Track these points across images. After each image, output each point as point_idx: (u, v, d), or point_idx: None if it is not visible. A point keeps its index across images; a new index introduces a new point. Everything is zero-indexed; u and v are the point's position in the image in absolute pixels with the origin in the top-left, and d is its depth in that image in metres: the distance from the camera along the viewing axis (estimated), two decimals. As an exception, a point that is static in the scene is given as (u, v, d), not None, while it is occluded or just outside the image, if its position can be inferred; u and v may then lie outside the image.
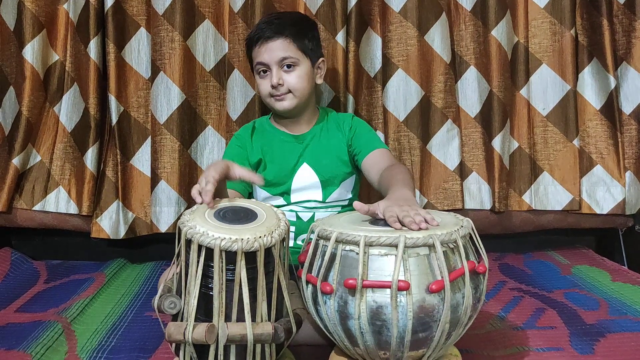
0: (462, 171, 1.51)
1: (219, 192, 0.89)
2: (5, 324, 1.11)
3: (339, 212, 1.20)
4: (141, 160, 1.52)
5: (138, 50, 1.51)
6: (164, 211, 1.48)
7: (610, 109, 1.48)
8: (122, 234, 1.49)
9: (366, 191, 1.39)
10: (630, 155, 1.49)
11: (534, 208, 1.50)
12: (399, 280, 0.73)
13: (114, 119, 1.48)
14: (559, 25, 1.50)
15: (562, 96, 1.50)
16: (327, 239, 0.80)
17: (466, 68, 1.51)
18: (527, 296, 1.24)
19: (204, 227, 0.76)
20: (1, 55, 1.51)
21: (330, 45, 1.47)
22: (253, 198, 1.25)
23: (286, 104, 1.18)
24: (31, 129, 1.53)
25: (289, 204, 1.21)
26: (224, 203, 0.86)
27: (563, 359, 0.92)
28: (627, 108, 1.49)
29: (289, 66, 1.17)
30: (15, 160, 1.50)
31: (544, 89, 1.51)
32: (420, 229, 0.77)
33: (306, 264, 0.83)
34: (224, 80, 1.52)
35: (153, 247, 1.60)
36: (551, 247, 1.61)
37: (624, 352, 0.94)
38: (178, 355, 0.80)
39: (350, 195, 1.25)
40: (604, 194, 1.49)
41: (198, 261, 0.76)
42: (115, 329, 1.09)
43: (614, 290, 1.25)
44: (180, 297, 0.80)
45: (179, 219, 0.82)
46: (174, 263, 0.83)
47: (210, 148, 1.53)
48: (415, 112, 1.49)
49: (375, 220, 0.86)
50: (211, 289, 0.76)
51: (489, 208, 1.50)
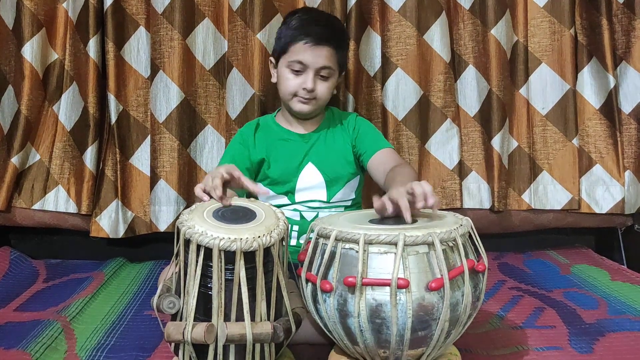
0: (461, 170, 1.51)
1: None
2: (4, 323, 1.11)
3: (341, 212, 1.19)
4: (140, 159, 1.52)
5: (137, 49, 1.50)
6: (163, 210, 1.48)
7: (610, 108, 1.48)
8: (122, 233, 1.49)
9: (368, 192, 1.38)
10: (630, 154, 1.49)
11: (533, 207, 1.51)
12: (398, 278, 0.73)
13: (113, 118, 1.48)
14: (558, 24, 1.50)
15: (562, 95, 1.50)
16: (327, 237, 0.80)
17: (465, 67, 1.51)
18: (527, 295, 1.24)
19: (202, 227, 0.76)
20: (0, 54, 1.51)
21: (330, 44, 1.47)
22: (253, 197, 1.24)
23: (307, 108, 1.18)
24: (30, 127, 1.52)
25: (293, 203, 1.21)
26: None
27: (562, 358, 0.92)
28: (627, 107, 1.50)
29: (324, 76, 1.17)
30: (14, 159, 1.50)
31: (543, 88, 1.51)
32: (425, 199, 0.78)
33: (306, 263, 0.83)
34: (224, 79, 1.51)
35: (152, 246, 1.60)
36: (550, 247, 1.61)
37: (623, 352, 0.94)
38: (177, 355, 0.80)
39: (353, 196, 1.25)
40: (603, 193, 1.49)
41: (197, 261, 0.76)
42: (115, 328, 1.09)
43: (613, 289, 1.25)
44: (179, 297, 0.80)
45: (178, 218, 0.82)
46: (173, 262, 0.83)
47: (210, 147, 1.52)
48: (414, 111, 1.49)
49: (376, 219, 0.86)
50: (210, 288, 0.76)
51: (488, 207, 1.50)
